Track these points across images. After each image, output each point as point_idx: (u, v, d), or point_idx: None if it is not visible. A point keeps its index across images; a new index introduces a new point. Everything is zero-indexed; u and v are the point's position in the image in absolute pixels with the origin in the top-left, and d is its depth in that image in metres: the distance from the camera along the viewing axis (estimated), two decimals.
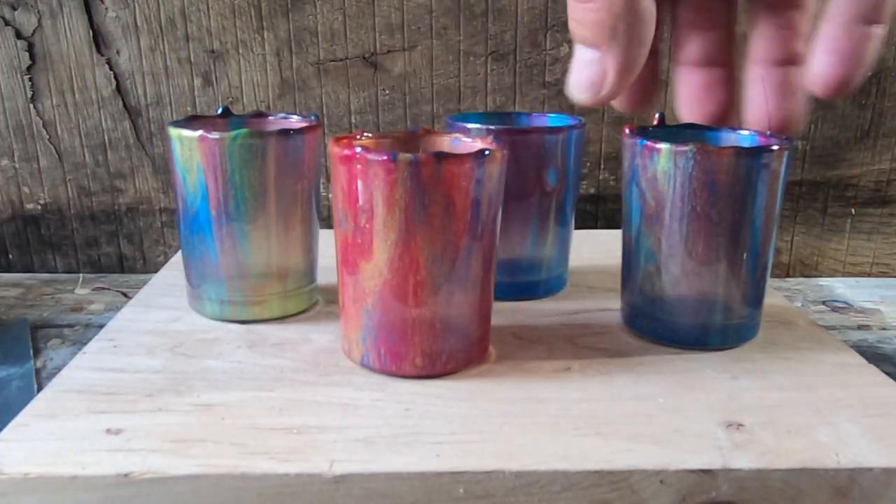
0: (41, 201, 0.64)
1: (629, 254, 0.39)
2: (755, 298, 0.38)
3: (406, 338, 0.34)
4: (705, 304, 0.37)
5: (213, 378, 0.35)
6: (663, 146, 0.35)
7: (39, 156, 0.63)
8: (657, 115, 0.40)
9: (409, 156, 0.31)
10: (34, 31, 0.60)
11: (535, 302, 0.45)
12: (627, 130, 0.38)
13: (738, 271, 0.37)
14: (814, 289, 0.64)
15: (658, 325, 0.38)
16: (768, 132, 0.36)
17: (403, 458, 0.28)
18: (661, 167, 0.36)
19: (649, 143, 0.36)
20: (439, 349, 0.34)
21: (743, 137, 0.38)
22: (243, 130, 0.37)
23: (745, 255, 0.36)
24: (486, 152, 0.32)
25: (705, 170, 0.34)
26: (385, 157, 0.31)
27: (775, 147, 0.35)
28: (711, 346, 0.38)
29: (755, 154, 0.35)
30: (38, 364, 0.48)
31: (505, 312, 0.43)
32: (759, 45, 0.33)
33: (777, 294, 0.47)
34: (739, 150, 0.34)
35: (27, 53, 0.60)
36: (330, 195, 0.34)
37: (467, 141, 0.38)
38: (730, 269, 0.36)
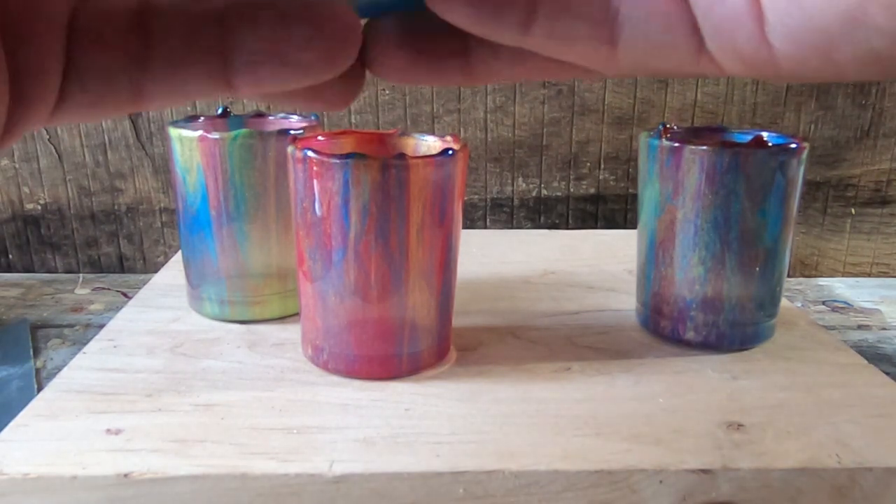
0: (41, 201, 0.64)
1: (645, 255, 0.39)
2: (772, 301, 0.38)
3: (362, 339, 0.34)
4: (724, 305, 0.37)
5: (213, 378, 0.35)
6: (686, 146, 0.35)
7: (39, 156, 0.63)
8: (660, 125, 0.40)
9: (363, 159, 0.31)
10: None
11: (536, 302, 0.45)
12: (645, 131, 0.38)
13: (758, 272, 0.36)
14: (814, 289, 0.63)
15: (675, 326, 0.38)
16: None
17: (403, 458, 0.28)
18: (684, 167, 0.35)
19: (669, 144, 0.36)
20: (398, 350, 0.34)
21: (742, 137, 0.38)
22: (243, 130, 0.37)
23: (765, 256, 0.36)
24: (448, 153, 0.32)
25: (728, 167, 0.34)
26: (334, 160, 0.31)
27: (794, 146, 0.35)
28: (726, 348, 0.38)
29: (778, 152, 0.35)
30: (38, 364, 0.48)
31: (505, 313, 0.43)
32: None
33: None
34: (764, 147, 0.35)
35: None
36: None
37: (434, 142, 0.37)
38: (750, 271, 0.36)
